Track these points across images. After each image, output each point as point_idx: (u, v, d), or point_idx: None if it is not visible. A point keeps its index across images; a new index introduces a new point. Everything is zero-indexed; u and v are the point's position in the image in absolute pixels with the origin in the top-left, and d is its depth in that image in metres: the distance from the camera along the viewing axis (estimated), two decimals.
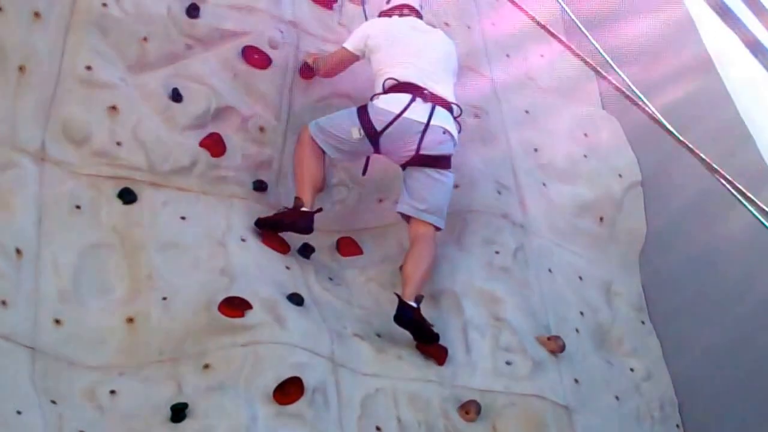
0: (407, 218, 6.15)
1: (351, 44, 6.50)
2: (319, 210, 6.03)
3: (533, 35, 7.88)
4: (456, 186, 6.58)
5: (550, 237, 6.87)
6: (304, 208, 5.93)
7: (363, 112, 6.13)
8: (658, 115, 4.33)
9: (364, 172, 6.41)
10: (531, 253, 6.65)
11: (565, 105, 7.64)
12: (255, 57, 6.49)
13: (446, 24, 7.52)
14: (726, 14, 3.81)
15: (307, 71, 6.68)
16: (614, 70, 4.41)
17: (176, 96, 6.11)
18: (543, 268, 6.65)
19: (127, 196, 5.69)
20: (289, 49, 6.67)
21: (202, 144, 6.10)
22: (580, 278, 6.82)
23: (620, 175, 7.35)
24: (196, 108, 6.14)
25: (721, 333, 6.37)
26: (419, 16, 6.70)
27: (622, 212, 7.25)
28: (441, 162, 6.15)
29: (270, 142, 6.38)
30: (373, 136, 6.08)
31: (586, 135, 7.50)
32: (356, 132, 6.07)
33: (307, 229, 5.95)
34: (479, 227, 6.55)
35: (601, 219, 7.14)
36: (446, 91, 6.29)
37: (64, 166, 5.62)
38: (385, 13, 6.70)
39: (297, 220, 5.93)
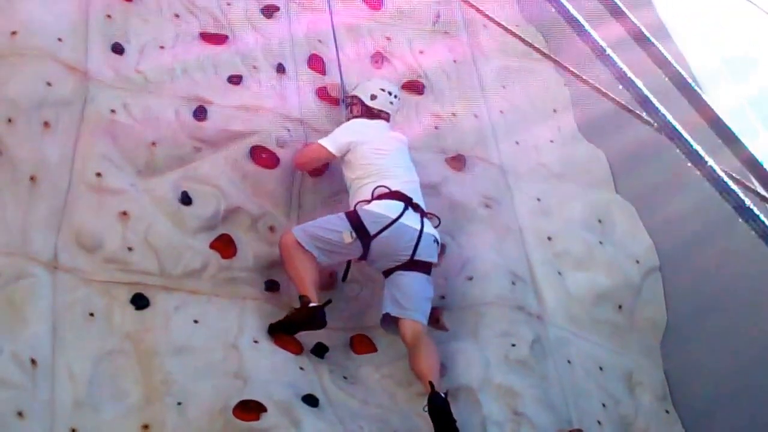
0: (391, 322, 6.33)
1: (334, 146, 6.71)
2: (329, 302, 6.19)
3: (543, 122, 8.20)
4: (470, 278, 6.81)
5: (567, 327, 7.00)
6: (312, 304, 6.08)
7: (353, 217, 6.38)
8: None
9: (344, 278, 6.66)
10: (549, 345, 6.78)
11: (578, 191, 7.80)
12: (263, 157, 6.77)
13: (453, 114, 7.81)
14: None
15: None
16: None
17: (186, 199, 6.39)
18: (562, 360, 6.77)
19: (140, 301, 5.92)
20: (296, 147, 6.93)
21: (212, 246, 6.34)
22: (601, 368, 6.92)
23: (637, 261, 7.46)
24: (205, 210, 6.41)
25: (750, 419, 6.45)
26: (388, 120, 7.03)
27: (641, 299, 7.35)
28: (427, 267, 6.45)
29: None
30: (365, 240, 6.33)
31: (600, 221, 7.63)
32: (348, 236, 6.30)
33: (321, 323, 6.12)
34: (494, 320, 6.69)
35: (620, 307, 7.24)
36: (423, 203, 6.60)
37: (76, 273, 5.86)
38: (366, 113, 6.99)
39: (309, 316, 6.09)
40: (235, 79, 7.11)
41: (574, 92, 8.32)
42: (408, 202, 6.47)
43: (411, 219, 6.42)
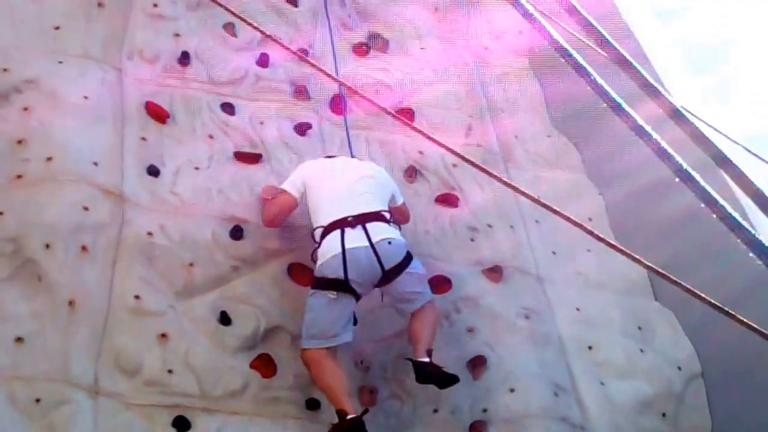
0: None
1: (290, 185, 6.86)
2: (366, 411, 6.19)
3: (579, 230, 8.22)
4: (511, 390, 6.77)
5: None
6: (350, 416, 6.07)
7: (319, 281, 6.42)
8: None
9: (354, 322, 6.60)
10: None
11: (617, 299, 7.80)
12: (301, 274, 6.83)
13: (489, 225, 7.84)
14: None
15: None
16: None
17: (225, 319, 6.44)
18: None
19: (182, 424, 5.92)
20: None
21: (252, 365, 6.37)
22: None
23: (679, 368, 7.44)
24: (244, 330, 6.45)
25: None
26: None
27: (685, 406, 7.30)
28: (406, 264, 6.54)
29: None
30: (343, 284, 6.35)
31: (640, 328, 7.64)
32: (331, 293, 6.33)
33: None
34: None
35: (664, 414, 7.19)
36: (374, 204, 6.66)
37: (117, 397, 5.87)
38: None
39: (348, 429, 6.05)
40: None
41: (609, 200, 8.37)
42: (342, 225, 6.49)
43: (354, 239, 6.45)
